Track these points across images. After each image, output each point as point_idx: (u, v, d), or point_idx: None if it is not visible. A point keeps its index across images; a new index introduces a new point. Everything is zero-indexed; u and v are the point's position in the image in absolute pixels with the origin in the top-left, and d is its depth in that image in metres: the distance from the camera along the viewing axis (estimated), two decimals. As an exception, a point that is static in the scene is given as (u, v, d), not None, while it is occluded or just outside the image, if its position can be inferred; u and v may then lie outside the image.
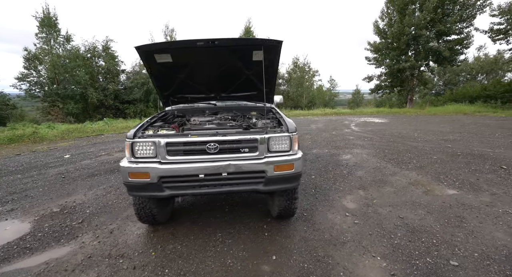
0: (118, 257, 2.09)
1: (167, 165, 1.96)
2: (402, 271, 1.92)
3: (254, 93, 2.86)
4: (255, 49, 2.19)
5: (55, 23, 16.29)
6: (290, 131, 2.11)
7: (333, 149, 6.10)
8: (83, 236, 2.41)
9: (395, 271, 1.93)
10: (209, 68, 2.44)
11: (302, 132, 9.10)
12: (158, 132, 2.11)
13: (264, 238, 2.39)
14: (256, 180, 2.08)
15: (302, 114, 18.00)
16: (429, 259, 2.05)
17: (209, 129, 2.11)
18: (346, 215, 2.82)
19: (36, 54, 15.64)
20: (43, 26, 15.98)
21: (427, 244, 2.26)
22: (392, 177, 4.04)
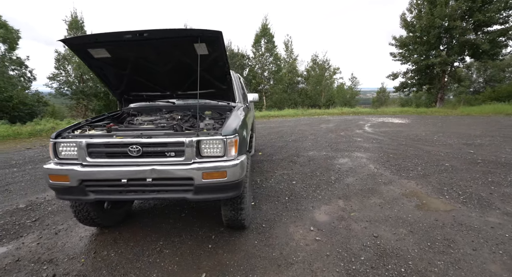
0: (45, 263, 2.01)
1: (88, 167, 1.82)
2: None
3: (212, 90, 2.63)
4: (192, 41, 1.96)
5: (81, 26, 17.51)
6: (224, 134, 1.85)
7: (332, 152, 5.65)
8: (27, 236, 2.39)
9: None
10: (154, 64, 2.26)
11: (307, 132, 8.67)
12: (86, 132, 1.99)
13: (205, 250, 2.16)
14: (183, 187, 1.86)
15: (317, 113, 17.32)
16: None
17: (138, 130, 1.94)
18: (310, 230, 2.48)
19: (64, 55, 16.97)
20: (72, 29, 17.26)
21: (391, 274, 1.86)
22: (385, 187, 3.56)
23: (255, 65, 27.40)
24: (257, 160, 5.02)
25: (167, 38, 1.96)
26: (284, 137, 7.83)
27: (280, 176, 4.06)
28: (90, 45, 1.99)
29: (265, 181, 3.82)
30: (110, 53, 2.09)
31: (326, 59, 28.68)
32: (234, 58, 25.66)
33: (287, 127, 10.22)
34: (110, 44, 1.98)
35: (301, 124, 11.51)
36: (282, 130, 9.35)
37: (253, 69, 27.32)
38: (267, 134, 8.46)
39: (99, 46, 2.00)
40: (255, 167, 4.54)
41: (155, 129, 1.97)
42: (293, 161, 4.95)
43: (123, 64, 2.25)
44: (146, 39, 1.93)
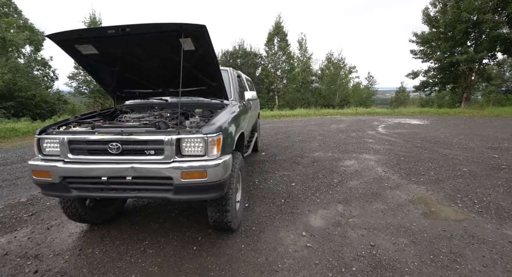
0: (31, 258, 2.03)
1: (70, 164, 1.81)
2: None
3: (203, 88, 2.56)
4: (177, 36, 1.89)
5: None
6: (205, 132, 1.76)
7: (339, 153, 5.41)
8: (20, 230, 2.45)
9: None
10: (143, 60, 2.22)
11: (316, 133, 8.42)
12: (71, 129, 1.98)
13: (189, 252, 2.09)
14: (163, 187, 1.79)
15: (330, 113, 16.88)
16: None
17: (121, 127, 1.90)
18: (302, 235, 2.34)
19: None
20: None
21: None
22: (390, 192, 3.32)
23: (268, 64, 27.23)
24: (259, 160, 4.91)
25: (150, 33, 1.90)
26: (291, 137, 7.65)
27: (280, 177, 3.93)
28: (77, 41, 1.98)
29: (263, 182, 3.70)
30: (98, 49, 2.07)
31: (341, 58, 27.93)
32: (246, 57, 25.65)
33: (296, 127, 10.01)
34: (95, 40, 1.96)
35: (311, 124, 11.24)
36: (290, 130, 9.17)
37: (266, 68, 27.16)
38: (274, 134, 8.31)
39: (86, 42, 1.99)
40: (255, 167, 4.44)
41: (137, 126, 1.93)
42: (296, 162, 4.79)
43: (112, 61, 2.24)
44: (129, 35, 1.89)
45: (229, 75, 3.17)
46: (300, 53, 28.84)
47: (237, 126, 2.35)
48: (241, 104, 3.09)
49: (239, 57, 25.87)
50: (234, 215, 2.15)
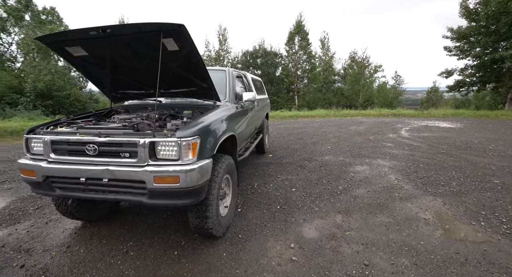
0: (22, 252, 2.12)
1: (52, 164, 1.85)
2: None
3: (193, 89, 2.50)
4: (158, 36, 1.84)
5: None
6: (178, 135, 1.69)
7: (351, 158, 5.09)
8: (23, 223, 2.59)
9: None
10: (131, 61, 2.22)
11: (331, 135, 8.06)
12: (57, 129, 2.03)
13: (169, 257, 2.04)
14: (138, 190, 1.76)
15: (351, 114, 16.15)
16: None
17: (102, 128, 1.90)
18: (290, 247, 2.18)
19: None
20: None
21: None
22: (400, 203, 3.00)
23: (288, 63, 26.83)
24: (265, 163, 4.78)
25: (132, 34, 1.88)
26: (303, 139, 7.39)
27: (281, 181, 3.76)
28: (65, 43, 2.03)
29: (263, 186, 3.57)
30: (86, 51, 2.11)
31: (366, 56, 26.58)
32: (266, 56, 25.50)
33: (312, 128, 9.68)
34: (81, 41, 1.99)
35: (329, 125, 10.80)
36: (304, 131, 8.88)
37: (286, 67, 26.78)
38: (287, 135, 8.10)
39: (74, 44, 2.03)
40: (258, 170, 4.31)
41: (116, 128, 1.91)
42: (303, 165, 4.57)
43: (102, 62, 2.27)
44: (112, 36, 1.88)
45: (226, 75, 3.08)
46: (322, 52, 28.02)
47: (224, 128, 2.25)
48: (237, 105, 2.99)
49: (259, 57, 25.79)
50: (216, 221, 2.05)
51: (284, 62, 27.51)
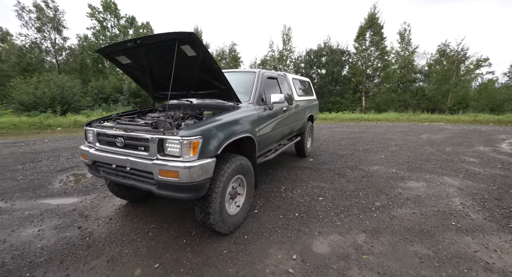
0: (82, 217, 2.73)
1: (97, 151, 2.31)
2: None
3: (215, 91, 2.63)
4: (177, 43, 2.04)
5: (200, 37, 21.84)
6: (180, 134, 1.84)
7: (406, 171, 4.35)
8: (91, 195, 3.32)
9: None
10: (161, 66, 2.52)
11: (393, 143, 7.06)
12: (104, 123, 2.50)
13: (177, 244, 2.25)
14: (149, 180, 2.00)
15: (430, 120, 13.69)
16: None
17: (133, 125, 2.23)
18: (292, 258, 2.06)
19: None
20: None
21: None
22: (456, 235, 2.40)
23: (357, 61, 24.61)
24: (301, 167, 4.60)
25: (156, 43, 2.15)
26: (356, 145, 6.71)
27: (311, 188, 3.56)
28: (114, 54, 2.49)
29: (289, 191, 3.45)
30: (129, 59, 2.53)
31: (461, 49, 21.68)
32: (332, 54, 24.10)
33: (372, 134, 8.68)
34: (124, 51, 2.40)
35: (395, 131, 9.45)
36: (361, 137, 8.05)
37: (354, 66, 24.64)
38: (339, 140, 7.52)
39: (120, 54, 2.47)
40: (291, 173, 4.19)
41: (139, 125, 2.22)
42: (342, 174, 4.18)
43: (142, 68, 2.66)
44: (142, 45, 2.20)
45: (255, 77, 3.12)
46: (401, 47, 24.45)
47: (236, 130, 2.30)
48: (264, 107, 2.99)
49: (323, 55, 24.63)
50: (218, 219, 2.14)
51: (352, 60, 25.42)
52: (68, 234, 2.40)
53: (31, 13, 20.71)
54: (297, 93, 4.57)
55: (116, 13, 21.91)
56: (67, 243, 2.26)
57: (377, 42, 22.58)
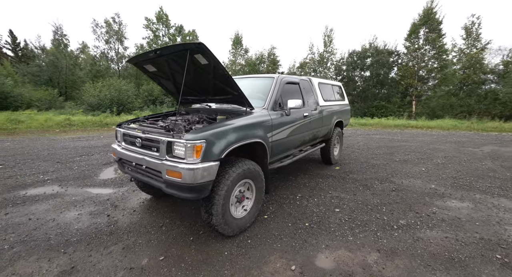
0: (113, 206, 3.09)
1: (122, 150, 2.61)
2: None
3: (229, 96, 2.71)
4: (190, 53, 2.18)
5: (240, 41, 22.60)
6: (185, 138, 1.95)
7: (450, 188, 3.81)
8: (123, 188, 3.73)
9: None
10: (182, 73, 2.70)
11: (439, 154, 6.26)
12: (130, 125, 2.78)
13: (184, 240, 2.38)
14: (159, 178, 2.17)
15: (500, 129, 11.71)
16: None
17: (152, 127, 2.45)
18: (290, 269, 2.00)
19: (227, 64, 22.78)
20: (235, 44, 22.77)
21: None
22: (493, 269, 2.02)
23: (408, 62, 22.38)
24: (325, 174, 4.40)
25: (172, 53, 2.33)
26: (394, 154, 6.12)
27: (329, 198, 3.38)
28: (142, 63, 2.78)
29: (305, 199, 3.34)
30: (154, 67, 2.79)
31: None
32: (378, 55, 22.39)
33: (417, 143, 7.80)
34: (149, 60, 2.66)
35: (446, 141, 8.32)
36: (402, 146, 7.30)
37: (404, 67, 22.47)
38: (375, 148, 6.96)
39: (146, 63, 2.75)
40: (311, 181, 4.04)
41: (155, 127, 2.43)
42: (369, 185, 3.86)
43: (166, 75, 2.90)
44: (162, 55, 2.42)
45: (273, 83, 3.13)
46: (466, 44, 21.27)
47: (243, 135, 2.33)
48: (281, 112, 2.97)
49: (368, 56, 23.04)
50: (221, 220, 2.20)
51: (402, 61, 23.23)
52: (98, 220, 2.75)
53: (102, 28, 24.33)
54: (323, 98, 4.39)
55: (167, 23, 24.22)
56: (96, 228, 2.59)
57: (433, 39, 20.19)
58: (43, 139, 8.05)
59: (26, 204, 3.13)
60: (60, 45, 23.34)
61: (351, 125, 13.32)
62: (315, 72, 24.69)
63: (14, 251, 2.20)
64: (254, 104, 2.87)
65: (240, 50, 25.03)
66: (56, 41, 23.32)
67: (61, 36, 23.30)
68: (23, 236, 2.42)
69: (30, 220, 2.75)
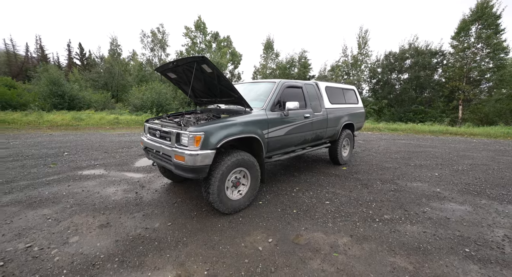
0: (140, 186, 3.84)
1: (147, 140, 3.30)
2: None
3: (232, 98, 3.22)
4: (200, 63, 2.74)
5: (272, 45, 23.19)
6: (189, 130, 2.52)
7: (455, 192, 3.77)
8: (151, 174, 4.50)
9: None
10: (196, 80, 3.30)
11: (467, 161, 5.93)
12: (155, 121, 3.46)
13: (190, 214, 2.95)
14: (171, 162, 2.77)
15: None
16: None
17: (168, 122, 3.08)
18: (268, 240, 2.40)
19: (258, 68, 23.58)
20: (266, 49, 23.48)
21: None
22: (455, 259, 2.16)
23: (455, 63, 20.43)
24: (328, 173, 4.63)
25: (185, 63, 2.94)
26: (412, 159, 5.98)
27: (324, 193, 3.66)
28: (165, 71, 3.46)
29: (301, 192, 3.67)
30: (175, 75, 3.45)
31: None
32: (418, 56, 20.88)
33: (445, 149, 7.39)
34: (170, 69, 3.32)
35: (483, 149, 7.68)
36: (426, 151, 7.01)
37: (451, 68, 20.56)
38: (394, 152, 6.83)
39: (168, 71, 3.42)
40: (313, 178, 4.32)
41: (170, 122, 3.05)
42: (369, 185, 4.02)
43: (184, 81, 3.54)
44: (178, 65, 3.05)
45: (273, 87, 3.56)
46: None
47: (237, 130, 2.77)
48: (280, 113, 3.37)
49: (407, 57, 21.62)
50: (217, 199, 2.70)
51: (448, 62, 21.28)
52: (129, 195, 3.50)
53: (148, 38, 27.26)
54: (330, 101, 4.65)
55: (204, 31, 26.07)
56: (126, 200, 3.33)
57: (489, 36, 18.15)
58: (97, 134, 9.62)
59: (81, 180, 4.06)
60: (115, 54, 26.80)
61: (379, 130, 12.82)
62: (348, 75, 24.01)
63: (72, 209, 3.01)
64: (256, 105, 3.35)
65: (271, 54, 25.72)
66: (112, 50, 26.85)
67: (115, 46, 26.76)
68: (78, 201, 3.26)
69: (83, 191, 3.62)
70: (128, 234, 2.49)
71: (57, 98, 16.03)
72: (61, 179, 4.12)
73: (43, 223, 2.67)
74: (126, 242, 2.35)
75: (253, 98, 3.61)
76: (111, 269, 1.98)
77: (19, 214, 2.86)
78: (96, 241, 2.36)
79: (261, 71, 25.45)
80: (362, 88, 24.04)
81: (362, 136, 10.49)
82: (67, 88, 16.52)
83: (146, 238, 2.42)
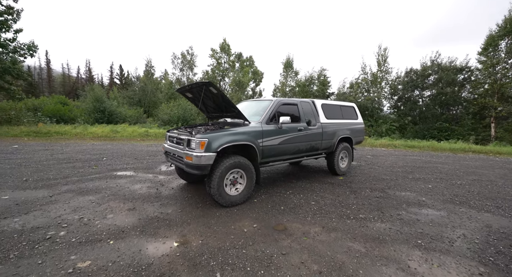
0: (160, 185, 4.68)
1: (167, 146, 4.16)
2: None
3: (233, 113, 3.99)
4: (208, 86, 3.60)
5: (291, 64, 24.34)
6: (196, 137, 3.30)
7: (439, 202, 4.04)
8: (170, 176, 5.36)
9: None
10: (207, 99, 4.15)
11: (474, 177, 5.99)
12: (174, 131, 4.33)
13: (195, 205, 3.66)
14: (182, 162, 3.56)
15: None
16: None
17: (184, 131, 3.92)
18: (253, 226, 3.01)
19: (278, 86, 24.77)
20: (286, 67, 24.69)
21: None
22: (406, 248, 2.57)
23: (484, 79, 19.60)
24: (323, 181, 5.10)
25: (197, 86, 3.81)
26: (413, 173, 6.18)
27: (314, 196, 4.15)
28: (184, 92, 4.38)
29: (293, 194, 4.21)
30: (192, 94, 4.36)
31: None
32: (441, 73, 20.39)
33: (454, 166, 7.39)
34: (187, 90, 4.23)
35: (499, 167, 7.54)
36: (432, 167, 7.09)
37: (479, 84, 19.74)
38: (398, 166, 7.03)
39: (186, 92, 4.34)
40: (307, 183, 4.83)
41: (184, 131, 3.88)
42: (357, 192, 4.43)
43: (198, 100, 4.43)
44: (192, 88, 3.94)
45: (269, 104, 4.29)
46: None
47: (234, 138, 3.48)
48: (275, 126, 4.05)
49: (429, 74, 21.21)
50: (216, 192, 3.40)
51: (476, 78, 20.47)
52: (151, 191, 4.34)
53: (178, 59, 30.14)
54: (326, 116, 5.23)
55: (228, 52, 28.25)
56: (149, 194, 4.16)
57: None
58: (129, 144, 11.02)
59: (116, 179, 5.04)
60: (149, 74, 29.92)
61: (395, 146, 12.72)
62: (368, 92, 24.02)
63: (109, 197, 3.91)
64: (254, 119, 4.08)
65: (291, 72, 26.88)
66: (147, 71, 30.03)
67: (150, 67, 29.92)
68: (113, 192, 4.16)
69: (117, 186, 4.54)
70: (148, 215, 3.27)
71: (99, 113, 18.40)
72: (101, 177, 5.14)
73: (89, 205, 3.57)
74: (146, 220, 3.12)
75: (255, 113, 4.36)
76: (134, 235, 2.73)
77: (73, 198, 3.81)
78: (125, 218, 3.16)
79: (281, 89, 26.60)
80: (383, 105, 23.78)
81: (372, 152, 10.62)
82: (108, 104, 18.92)
83: (161, 219, 3.17)
